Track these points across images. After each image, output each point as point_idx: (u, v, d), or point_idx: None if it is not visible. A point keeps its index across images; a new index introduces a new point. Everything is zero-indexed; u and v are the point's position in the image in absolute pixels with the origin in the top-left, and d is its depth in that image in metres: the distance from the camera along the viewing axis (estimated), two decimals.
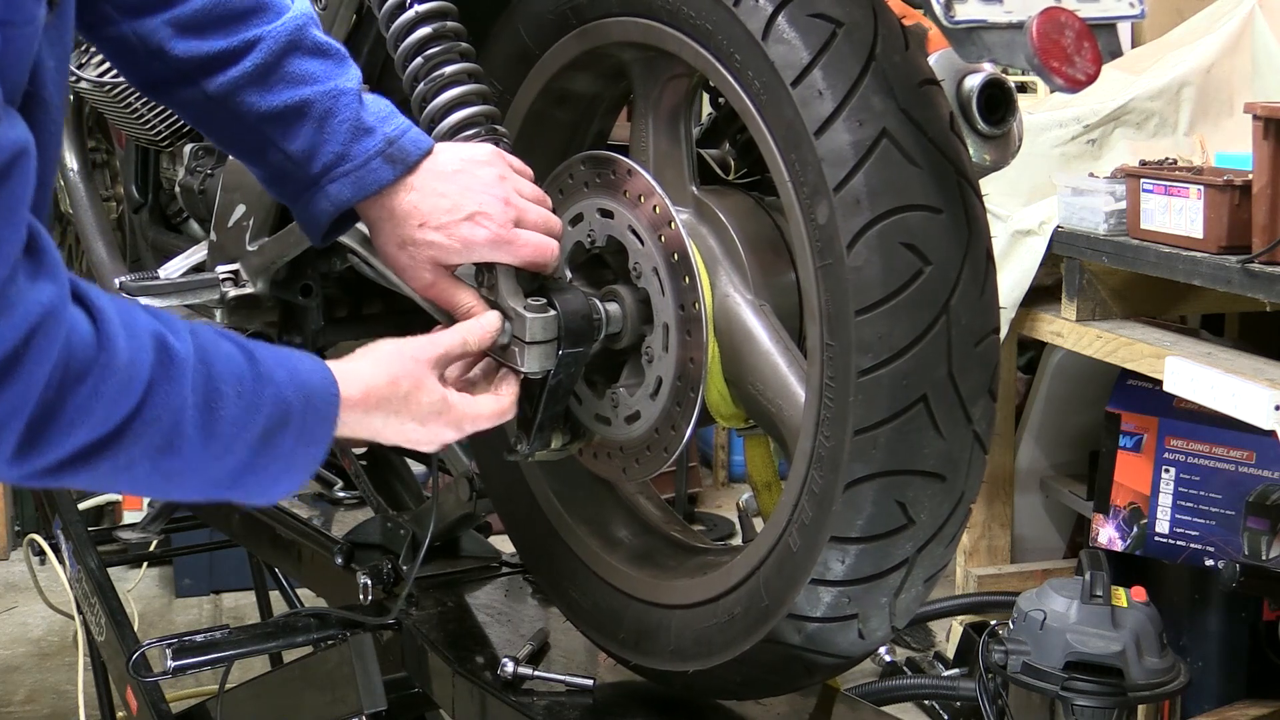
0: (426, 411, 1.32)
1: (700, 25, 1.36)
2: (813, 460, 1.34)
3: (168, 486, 1.19)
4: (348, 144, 1.37)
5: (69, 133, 2.50)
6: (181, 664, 1.84)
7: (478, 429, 1.37)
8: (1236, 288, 2.65)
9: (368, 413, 1.28)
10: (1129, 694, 2.48)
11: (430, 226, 1.37)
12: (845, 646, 1.41)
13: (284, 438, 1.20)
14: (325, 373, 1.25)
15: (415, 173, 1.37)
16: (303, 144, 1.37)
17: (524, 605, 1.97)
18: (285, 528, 2.35)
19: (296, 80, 1.37)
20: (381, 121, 1.38)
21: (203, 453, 1.15)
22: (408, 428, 1.32)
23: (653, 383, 1.47)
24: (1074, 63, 1.17)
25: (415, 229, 1.38)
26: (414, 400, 1.31)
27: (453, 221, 1.37)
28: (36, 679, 3.99)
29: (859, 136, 1.26)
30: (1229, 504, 3.19)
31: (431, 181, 1.38)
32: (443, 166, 1.38)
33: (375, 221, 1.40)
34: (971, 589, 3.88)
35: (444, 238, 1.37)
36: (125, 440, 1.10)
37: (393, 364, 1.31)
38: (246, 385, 1.17)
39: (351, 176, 1.37)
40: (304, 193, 1.39)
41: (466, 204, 1.37)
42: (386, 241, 1.40)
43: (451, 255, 1.39)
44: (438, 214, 1.37)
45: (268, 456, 1.20)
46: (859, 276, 1.27)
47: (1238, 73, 3.45)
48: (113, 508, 4.54)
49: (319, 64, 1.38)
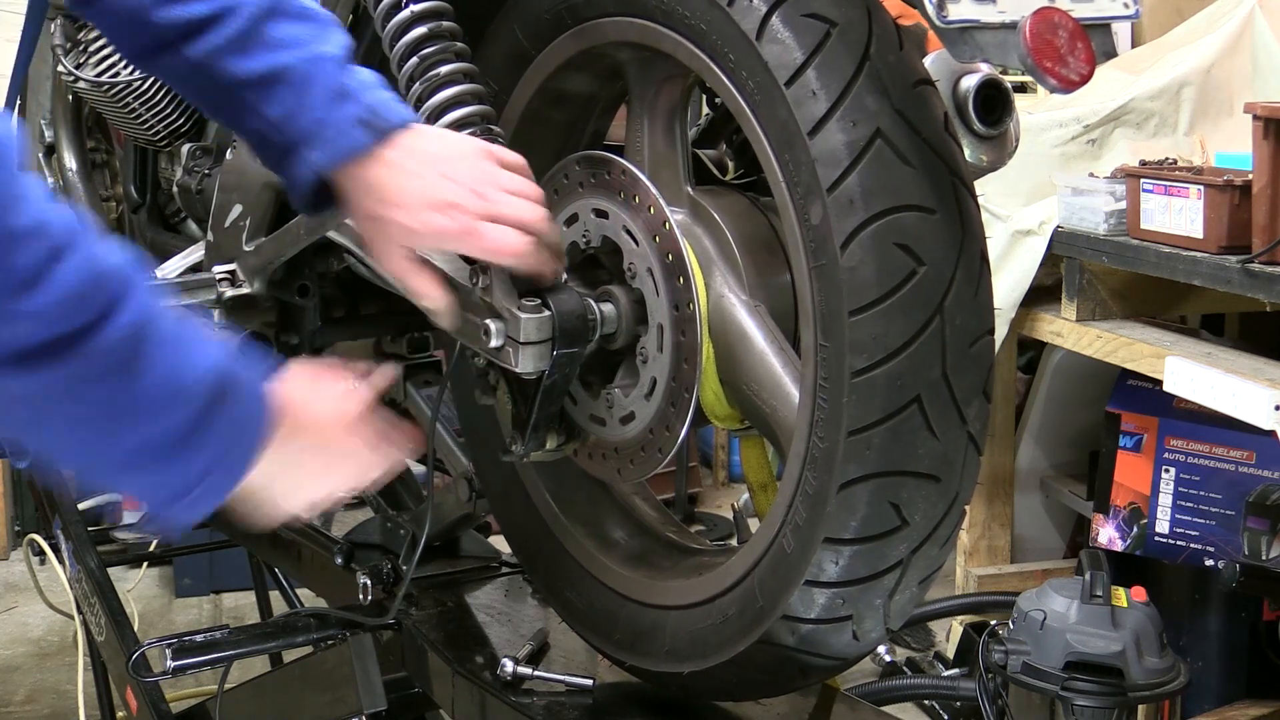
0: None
1: (694, 25, 1.36)
2: (807, 461, 1.34)
3: (90, 439, 1.13)
4: (327, 110, 1.36)
5: (68, 133, 2.50)
6: (181, 664, 1.84)
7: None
8: (1236, 288, 2.65)
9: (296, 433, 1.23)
10: (1129, 694, 2.47)
11: (399, 205, 1.37)
12: (840, 648, 1.41)
13: (219, 416, 1.15)
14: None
15: (393, 146, 1.36)
16: (281, 110, 1.36)
17: (524, 605, 1.97)
18: (285, 527, 2.35)
19: (276, 45, 1.36)
20: (364, 89, 1.37)
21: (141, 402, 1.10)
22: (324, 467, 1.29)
23: (647, 383, 1.47)
24: (1067, 63, 1.17)
25: (385, 205, 1.37)
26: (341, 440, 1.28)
27: (420, 205, 1.36)
28: (36, 679, 4.00)
29: (853, 137, 1.26)
30: (1229, 504, 3.19)
31: (408, 159, 1.37)
32: (423, 147, 1.38)
33: (350, 192, 1.39)
34: (971, 589, 3.87)
35: (409, 219, 1.37)
36: (77, 352, 1.06)
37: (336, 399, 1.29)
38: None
39: (330, 143, 1.36)
40: (285, 159, 1.39)
41: (438, 190, 1.36)
42: (358, 213, 1.40)
43: (413, 238, 1.39)
44: (408, 194, 1.36)
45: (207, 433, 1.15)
46: (853, 277, 1.27)
47: (1238, 73, 3.45)
48: (113, 508, 4.54)
49: (300, 28, 1.37)
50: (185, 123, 2.08)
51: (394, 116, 1.37)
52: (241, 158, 1.85)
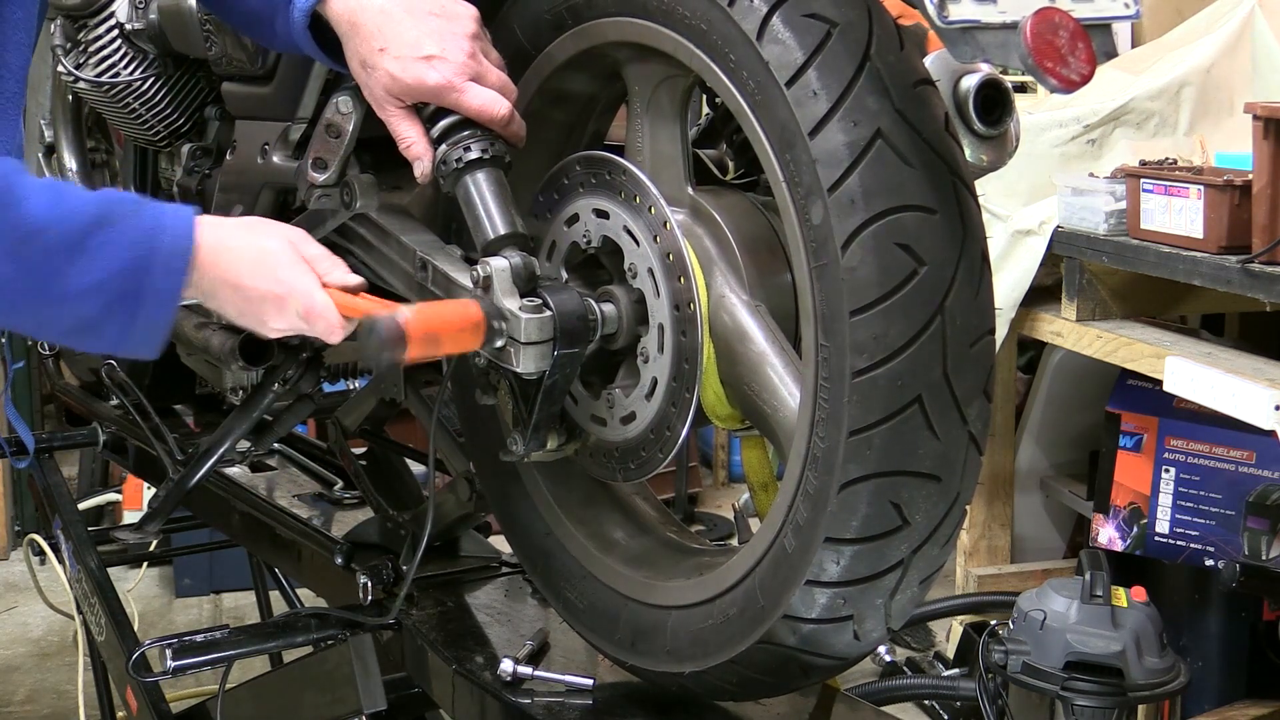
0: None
1: (695, 25, 1.36)
2: (807, 461, 1.34)
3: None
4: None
5: (68, 133, 2.50)
6: (181, 664, 1.84)
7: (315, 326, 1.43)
8: (1236, 288, 2.65)
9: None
10: (1129, 694, 2.47)
11: (389, 54, 1.44)
12: (841, 648, 1.41)
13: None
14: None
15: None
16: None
17: (524, 605, 1.97)
18: (285, 528, 2.35)
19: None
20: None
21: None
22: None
23: (648, 384, 1.47)
24: (1068, 63, 1.17)
25: (376, 52, 1.44)
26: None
27: (411, 57, 1.44)
28: (36, 679, 4.00)
29: (853, 137, 1.26)
30: (1229, 504, 3.19)
31: (401, 10, 1.44)
32: (418, 3, 1.45)
33: (344, 36, 1.47)
34: (971, 589, 3.87)
35: (399, 69, 1.44)
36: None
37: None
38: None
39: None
40: (278, 16, 1.48)
41: (429, 44, 1.44)
42: (351, 57, 1.47)
43: (401, 89, 1.46)
44: (399, 44, 1.44)
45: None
46: (854, 277, 1.27)
47: (1238, 73, 3.45)
48: (113, 508, 4.54)
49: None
50: (185, 123, 2.08)
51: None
52: (242, 158, 1.85)
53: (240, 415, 1.98)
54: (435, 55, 1.44)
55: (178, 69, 2.04)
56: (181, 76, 2.05)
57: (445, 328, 1.38)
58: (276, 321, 1.42)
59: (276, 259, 1.41)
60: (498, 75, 1.48)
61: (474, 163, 1.48)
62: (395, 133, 1.49)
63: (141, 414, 2.24)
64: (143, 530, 2.15)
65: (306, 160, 1.65)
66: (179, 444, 2.18)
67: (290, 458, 2.66)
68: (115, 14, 2.02)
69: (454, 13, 1.47)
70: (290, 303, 1.40)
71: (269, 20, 1.53)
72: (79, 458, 4.78)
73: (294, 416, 2.04)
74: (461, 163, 1.48)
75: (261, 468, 2.70)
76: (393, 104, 1.47)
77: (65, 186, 1.37)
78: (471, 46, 1.46)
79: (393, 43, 1.44)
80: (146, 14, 1.99)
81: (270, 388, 1.92)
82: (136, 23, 1.99)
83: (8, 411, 2.93)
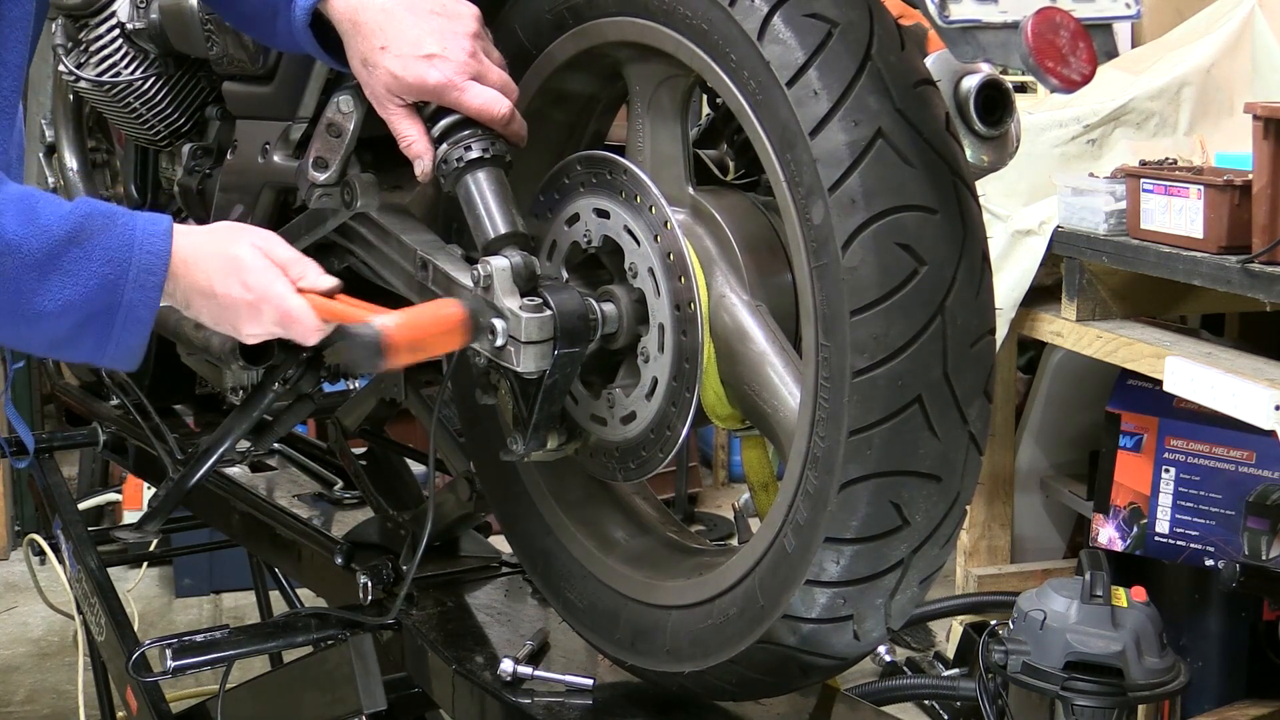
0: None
1: (696, 25, 1.36)
2: (807, 461, 1.34)
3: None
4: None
5: (69, 133, 2.50)
6: (181, 664, 1.84)
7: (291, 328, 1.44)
8: (1236, 288, 2.65)
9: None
10: (1129, 694, 2.47)
11: (390, 53, 1.45)
12: (840, 648, 1.41)
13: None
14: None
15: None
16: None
17: (524, 605, 1.96)
18: (285, 528, 2.35)
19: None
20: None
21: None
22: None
23: (648, 383, 1.47)
24: (1069, 63, 1.17)
25: (377, 51, 1.45)
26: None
27: (412, 55, 1.45)
28: (36, 679, 4.00)
29: (854, 137, 1.26)
30: (1229, 504, 3.19)
31: (403, 9, 1.45)
32: (420, 2, 1.46)
33: (345, 35, 1.48)
34: (971, 589, 3.87)
35: (400, 68, 1.45)
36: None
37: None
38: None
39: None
40: (279, 15, 1.49)
41: (430, 43, 1.45)
42: (352, 55, 1.48)
43: (402, 88, 1.46)
44: (400, 42, 1.44)
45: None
46: (854, 277, 1.27)
47: (1238, 73, 3.45)
48: (113, 508, 4.54)
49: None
50: (186, 122, 2.08)
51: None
52: (243, 157, 1.85)
53: (240, 415, 1.98)
54: (436, 54, 1.44)
55: (179, 68, 2.04)
56: (182, 76, 2.05)
57: (427, 332, 1.38)
58: (252, 327, 1.43)
59: (244, 265, 1.42)
60: (499, 74, 1.49)
61: (475, 162, 1.48)
62: (396, 131, 1.50)
63: (141, 414, 2.24)
64: (143, 530, 2.14)
65: (307, 159, 1.65)
66: (179, 444, 2.18)
67: (290, 458, 2.66)
68: (116, 13, 2.02)
69: (455, 12, 1.47)
70: (263, 308, 1.42)
71: (270, 19, 1.53)
72: (79, 458, 4.78)
73: (294, 416, 2.04)
74: (462, 162, 1.48)
75: (261, 468, 2.70)
76: (394, 103, 1.48)
77: (39, 200, 1.38)
78: (473, 46, 1.47)
79: (394, 41, 1.44)
80: (148, 13, 1.99)
81: (270, 388, 1.92)
82: (138, 22, 1.99)
83: (8, 411, 2.93)
